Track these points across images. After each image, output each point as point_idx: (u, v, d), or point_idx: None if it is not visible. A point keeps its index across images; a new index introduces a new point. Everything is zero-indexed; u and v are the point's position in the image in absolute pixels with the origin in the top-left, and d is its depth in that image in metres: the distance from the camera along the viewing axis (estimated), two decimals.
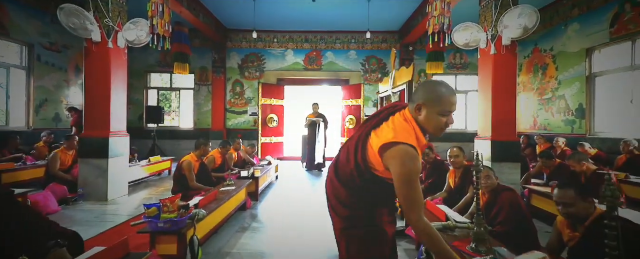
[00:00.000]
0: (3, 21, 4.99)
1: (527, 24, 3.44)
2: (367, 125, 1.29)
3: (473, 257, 1.54)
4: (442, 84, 1.20)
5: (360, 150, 1.22)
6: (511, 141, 3.82)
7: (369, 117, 1.38)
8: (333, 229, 1.36)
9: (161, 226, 1.87)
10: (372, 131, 1.23)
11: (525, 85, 7.17)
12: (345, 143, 1.37)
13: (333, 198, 1.32)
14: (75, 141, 4.02)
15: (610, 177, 1.10)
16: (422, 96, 1.18)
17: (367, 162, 1.19)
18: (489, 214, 2.24)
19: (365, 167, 1.19)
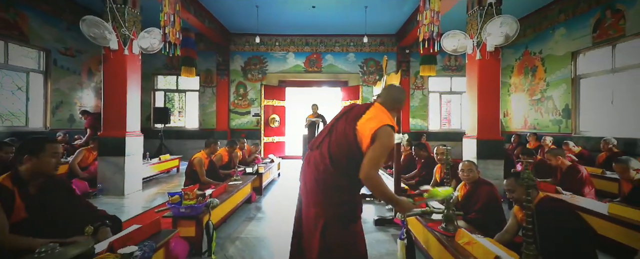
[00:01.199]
0: (23, 29, 5.35)
1: (508, 32, 3.75)
2: (346, 120, 1.62)
3: (441, 234, 1.86)
4: (401, 90, 1.77)
5: (353, 138, 1.53)
6: (495, 139, 4.13)
7: (338, 115, 1.73)
8: (308, 214, 1.59)
9: (183, 211, 2.20)
10: (356, 123, 1.56)
11: (516, 86, 7.47)
12: (325, 138, 1.65)
13: (322, 183, 1.53)
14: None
15: (528, 165, 1.41)
16: (389, 96, 1.70)
17: (360, 144, 1.52)
18: (468, 203, 2.55)
19: (357, 149, 1.52)
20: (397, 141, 2.99)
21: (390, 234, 2.81)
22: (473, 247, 1.58)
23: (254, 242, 2.66)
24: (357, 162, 1.47)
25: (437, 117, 8.74)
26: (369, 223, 3.17)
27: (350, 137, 1.54)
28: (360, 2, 6.22)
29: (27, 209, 1.56)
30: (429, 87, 8.58)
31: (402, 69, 8.42)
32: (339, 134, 1.59)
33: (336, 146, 1.57)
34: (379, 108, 1.63)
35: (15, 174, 1.57)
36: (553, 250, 1.62)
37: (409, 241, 2.19)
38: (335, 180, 1.53)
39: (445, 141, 7.97)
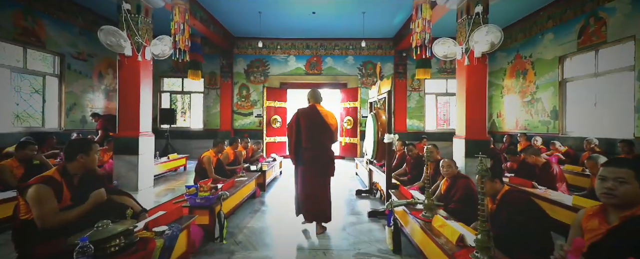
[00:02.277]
0: (40, 35, 5.68)
1: (493, 40, 4.05)
2: (317, 123, 2.99)
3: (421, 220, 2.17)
4: (317, 91, 3.20)
5: (329, 128, 2.99)
6: (482, 139, 4.44)
7: (308, 125, 2.99)
8: (319, 165, 2.97)
9: (198, 202, 2.52)
10: (326, 121, 2.97)
11: (509, 88, 7.77)
12: (313, 136, 2.98)
13: (320, 149, 2.98)
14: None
15: (482, 161, 1.72)
16: (317, 96, 3.14)
17: (332, 129, 3.00)
18: (448, 195, 2.87)
19: (331, 132, 3.00)
20: (388, 141, 3.31)
21: (381, 224, 3.12)
22: (444, 229, 1.89)
23: (259, 231, 2.97)
24: (330, 138, 3.02)
25: (433, 118, 9.04)
26: (363, 214, 3.49)
27: (328, 128, 2.98)
28: (358, 8, 6.53)
29: (71, 197, 1.88)
30: (425, 89, 8.89)
31: (398, 71, 8.74)
32: (320, 130, 2.98)
33: (323, 135, 2.98)
34: (321, 107, 3.09)
35: (64, 168, 1.89)
36: (515, 232, 1.93)
37: (395, 228, 2.51)
38: (328, 148, 3.04)
39: (441, 141, 8.28)
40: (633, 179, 1.25)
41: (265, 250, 2.52)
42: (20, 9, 5.29)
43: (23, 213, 1.68)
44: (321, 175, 2.97)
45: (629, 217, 1.29)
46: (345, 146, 8.78)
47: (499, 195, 2.12)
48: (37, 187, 1.68)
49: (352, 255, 2.44)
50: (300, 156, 2.99)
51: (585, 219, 1.49)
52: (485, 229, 1.56)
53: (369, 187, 4.54)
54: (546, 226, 2.00)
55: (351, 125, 8.55)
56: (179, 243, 1.91)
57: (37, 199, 1.65)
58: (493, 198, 2.18)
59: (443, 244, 1.77)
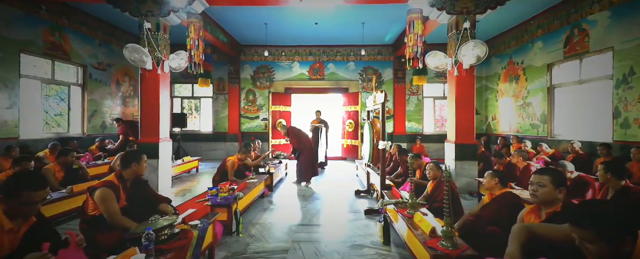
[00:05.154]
0: (66, 49, 6.21)
1: (479, 53, 4.45)
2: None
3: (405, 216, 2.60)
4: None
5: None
6: (470, 143, 4.85)
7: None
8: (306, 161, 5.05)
9: (219, 201, 2.99)
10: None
11: (503, 92, 8.14)
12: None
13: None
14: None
15: (443, 165, 2.14)
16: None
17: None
18: (433, 195, 3.30)
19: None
20: (382, 147, 3.75)
21: (376, 221, 3.55)
22: (422, 223, 2.32)
23: (269, 226, 3.43)
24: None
25: (431, 120, 9.43)
26: (360, 212, 3.93)
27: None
28: (357, 19, 6.95)
29: (126, 198, 2.35)
30: (423, 93, 9.28)
31: (397, 76, 9.14)
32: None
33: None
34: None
35: (120, 174, 2.36)
36: (495, 222, 2.36)
37: (385, 223, 2.95)
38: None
39: (439, 143, 8.67)
40: (549, 183, 1.68)
41: (275, 242, 2.98)
42: (48, 26, 5.81)
43: (91, 209, 2.15)
44: None
45: (551, 213, 1.73)
46: (347, 147, 9.23)
47: (498, 193, 2.54)
48: (102, 189, 2.15)
49: (348, 246, 2.89)
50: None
51: (526, 215, 1.93)
52: (449, 223, 1.99)
53: (367, 187, 4.98)
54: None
55: (352, 128, 8.99)
56: (207, 234, 2.37)
57: (102, 199, 2.12)
58: (491, 194, 2.61)
59: (419, 235, 2.21)
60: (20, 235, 1.60)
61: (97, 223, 2.13)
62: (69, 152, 4.03)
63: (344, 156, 9.34)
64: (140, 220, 2.20)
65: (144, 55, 4.71)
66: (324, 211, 4.04)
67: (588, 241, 1.10)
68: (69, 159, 3.99)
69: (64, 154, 3.88)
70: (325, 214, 3.93)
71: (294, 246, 2.89)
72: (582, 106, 5.71)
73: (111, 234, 2.10)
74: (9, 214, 1.54)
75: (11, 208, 1.54)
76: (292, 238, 3.09)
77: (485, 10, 4.63)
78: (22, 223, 1.61)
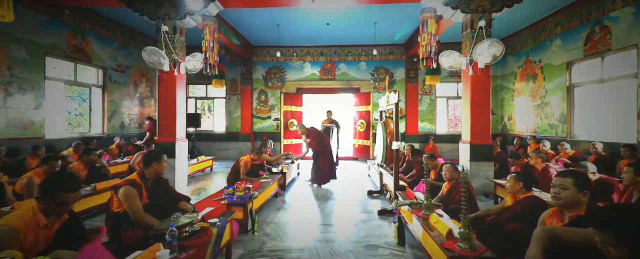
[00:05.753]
0: (87, 51, 6.45)
1: (495, 53, 4.37)
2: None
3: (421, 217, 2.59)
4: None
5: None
6: (486, 144, 4.76)
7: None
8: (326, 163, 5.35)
9: (235, 200, 3.05)
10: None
11: (519, 92, 7.94)
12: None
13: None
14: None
15: (462, 166, 2.12)
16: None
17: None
18: (449, 196, 3.26)
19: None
20: (395, 148, 3.74)
21: (390, 222, 3.55)
22: (438, 224, 2.31)
23: (283, 225, 3.48)
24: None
25: (444, 120, 9.30)
26: (374, 213, 3.93)
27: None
28: (369, 19, 6.93)
29: (148, 196, 2.44)
30: (436, 93, 9.16)
31: (410, 76, 9.06)
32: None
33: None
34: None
35: (142, 173, 2.45)
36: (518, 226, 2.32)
37: (400, 224, 2.95)
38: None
39: (452, 143, 8.55)
40: (572, 186, 1.64)
41: (290, 241, 3.02)
42: (71, 30, 6.06)
43: (116, 207, 2.24)
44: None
45: (575, 216, 1.69)
46: (359, 147, 9.21)
47: (522, 196, 2.50)
48: (126, 188, 2.24)
49: (362, 246, 2.90)
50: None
51: (547, 218, 1.89)
52: (467, 225, 1.98)
53: (379, 188, 4.96)
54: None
55: (364, 128, 8.96)
56: (225, 232, 2.43)
57: (126, 197, 2.21)
58: (514, 197, 2.57)
59: (435, 236, 2.20)
60: (54, 231, 1.69)
61: (121, 220, 2.22)
62: (92, 152, 4.19)
63: (355, 156, 9.32)
64: (161, 217, 2.28)
65: (161, 58, 4.84)
66: (337, 211, 4.06)
67: (611, 245, 1.08)
68: (91, 158, 4.15)
69: (87, 153, 4.04)
70: (338, 214, 3.95)
71: (308, 245, 2.92)
72: (604, 105, 5.51)
73: (135, 230, 2.18)
74: (44, 211, 1.65)
75: (47, 206, 1.65)
76: (306, 237, 3.12)
77: (502, 8, 4.54)
78: (56, 220, 1.71)
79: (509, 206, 2.62)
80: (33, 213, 1.66)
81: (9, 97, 4.93)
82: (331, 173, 5.55)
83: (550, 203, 2.83)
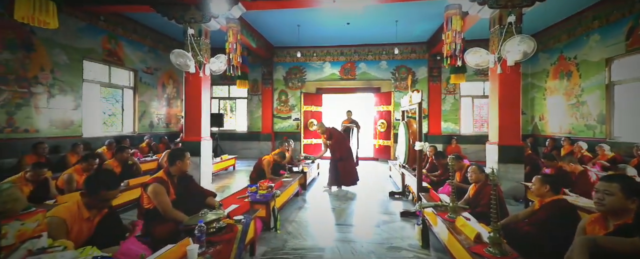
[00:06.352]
0: (120, 55, 6.83)
1: (526, 49, 4.15)
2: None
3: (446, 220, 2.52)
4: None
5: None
6: (515, 145, 4.54)
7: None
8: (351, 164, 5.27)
9: (258, 198, 3.12)
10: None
11: (552, 90, 7.50)
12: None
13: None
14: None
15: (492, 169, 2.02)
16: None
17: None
18: (476, 199, 3.14)
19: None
20: (418, 148, 3.66)
21: (412, 224, 3.48)
22: (465, 228, 2.23)
23: (304, 224, 3.51)
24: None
25: (469, 120, 8.97)
26: (396, 214, 3.86)
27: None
28: (390, 17, 6.82)
29: (175, 193, 2.54)
30: (461, 91, 8.86)
31: (433, 74, 8.82)
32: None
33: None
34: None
35: (168, 171, 2.56)
36: (546, 232, 2.21)
37: (424, 226, 2.88)
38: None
39: (478, 144, 8.24)
40: (618, 191, 1.53)
41: (312, 240, 3.04)
42: (106, 35, 6.44)
43: (146, 203, 2.36)
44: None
45: (621, 224, 1.57)
46: (379, 148, 9.09)
47: (548, 199, 2.37)
48: (154, 185, 2.35)
49: (385, 248, 2.86)
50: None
51: (588, 224, 1.77)
52: (497, 228, 1.90)
53: (401, 189, 4.87)
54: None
55: (385, 128, 8.84)
56: (250, 229, 2.49)
57: (155, 194, 2.32)
58: (541, 200, 2.45)
59: (463, 240, 2.12)
60: (95, 223, 1.82)
61: (152, 216, 2.33)
62: (125, 150, 4.44)
63: (375, 156, 9.22)
64: (188, 212, 2.37)
65: (188, 60, 5.03)
66: (358, 212, 4.03)
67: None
68: (124, 156, 4.40)
69: (121, 151, 4.28)
70: (360, 214, 3.92)
71: (329, 244, 2.92)
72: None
73: (166, 225, 2.28)
74: (87, 205, 1.79)
75: (89, 201, 1.78)
76: (327, 237, 3.13)
77: (533, 2, 4.32)
78: (97, 213, 1.84)
79: (536, 210, 2.48)
80: (77, 206, 1.79)
81: (51, 98, 5.32)
82: (354, 176, 5.29)
83: (591, 208, 2.67)
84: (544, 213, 2.36)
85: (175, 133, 8.40)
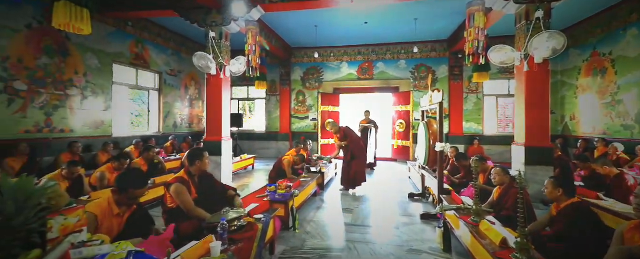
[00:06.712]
0: (146, 58, 7.14)
1: (556, 46, 3.94)
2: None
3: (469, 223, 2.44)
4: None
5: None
6: (543, 146, 4.31)
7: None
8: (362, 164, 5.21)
9: (277, 197, 3.16)
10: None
11: (584, 88, 7.07)
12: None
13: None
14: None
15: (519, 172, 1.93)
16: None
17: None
18: (500, 202, 3.02)
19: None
20: (439, 149, 3.57)
21: (432, 226, 3.40)
22: (489, 232, 2.15)
23: (322, 224, 3.52)
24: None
25: (493, 120, 8.64)
26: (416, 216, 3.79)
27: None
28: (409, 15, 6.69)
29: (196, 191, 2.62)
30: (484, 90, 8.54)
31: (454, 73, 8.56)
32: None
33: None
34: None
35: (188, 170, 2.64)
36: (569, 239, 2.10)
37: (445, 229, 2.81)
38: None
39: (502, 145, 7.92)
40: None
41: (330, 240, 3.04)
42: (134, 39, 6.76)
43: (169, 202, 2.46)
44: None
45: None
46: (398, 148, 8.95)
47: (564, 204, 2.26)
48: (176, 185, 2.43)
49: (404, 250, 2.81)
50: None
51: (627, 231, 1.66)
52: (525, 233, 1.82)
53: (421, 191, 4.77)
54: (603, 236, 2.11)
55: (403, 128, 8.68)
56: (269, 228, 2.53)
57: (177, 193, 2.40)
58: (557, 205, 2.33)
59: (487, 245, 2.05)
60: (125, 219, 1.91)
61: (176, 213, 2.42)
62: (151, 149, 4.64)
63: (394, 157, 9.08)
64: (210, 210, 2.45)
65: (209, 62, 5.19)
66: (377, 213, 3.98)
67: None
68: (150, 155, 4.59)
69: (147, 150, 4.48)
70: (378, 216, 3.88)
71: (348, 245, 2.91)
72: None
73: (189, 222, 2.37)
74: (117, 202, 1.90)
75: (119, 198, 1.89)
76: (346, 237, 3.12)
77: None
78: (126, 209, 1.94)
79: (553, 216, 2.35)
80: (108, 202, 1.90)
81: (84, 100, 5.65)
82: (361, 177, 5.16)
83: (629, 214, 2.50)
84: (563, 219, 2.23)
85: (198, 133, 8.67)
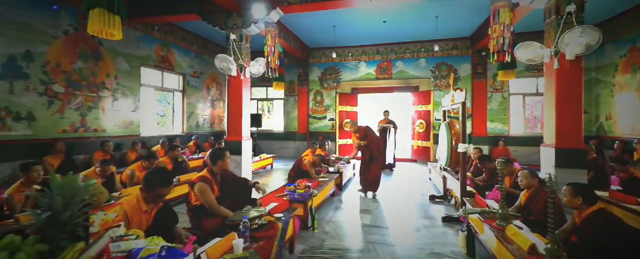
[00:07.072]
0: (171, 61, 7.45)
1: (590, 42, 3.70)
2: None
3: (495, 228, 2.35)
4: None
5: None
6: (576, 148, 4.07)
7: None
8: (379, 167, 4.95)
9: (296, 197, 3.19)
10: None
11: (622, 86, 6.60)
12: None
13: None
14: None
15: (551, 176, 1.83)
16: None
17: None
18: (528, 206, 2.89)
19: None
20: (462, 150, 3.46)
21: (455, 229, 3.30)
22: (517, 237, 2.06)
23: (341, 224, 3.51)
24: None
25: (520, 120, 8.25)
26: (437, 219, 3.70)
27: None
28: (430, 12, 6.53)
29: (219, 189, 2.71)
30: (510, 89, 8.18)
31: (477, 71, 8.26)
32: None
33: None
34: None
35: (211, 170, 2.73)
36: (595, 249, 1.97)
37: (469, 233, 2.72)
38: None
39: (530, 146, 7.55)
40: None
41: (349, 241, 3.03)
42: (160, 43, 7.07)
43: (194, 200, 2.55)
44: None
45: None
46: (418, 149, 8.76)
47: (586, 213, 2.14)
48: (199, 184, 2.52)
49: (425, 253, 2.75)
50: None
51: None
52: (555, 240, 1.73)
53: (443, 193, 4.65)
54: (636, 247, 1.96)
55: (423, 129, 8.49)
56: (289, 227, 2.56)
57: (201, 192, 2.49)
58: (578, 214, 2.20)
59: (514, 250, 1.97)
60: (152, 215, 2.01)
61: (200, 211, 2.51)
62: (176, 148, 4.83)
63: (413, 158, 8.90)
64: (232, 207, 2.52)
65: (230, 64, 5.33)
66: (396, 215, 3.93)
67: None
68: (175, 154, 4.78)
69: (172, 150, 4.67)
70: (398, 218, 3.82)
71: (368, 246, 2.89)
72: None
73: (212, 220, 2.45)
74: (145, 199, 2.00)
75: (147, 196, 1.98)
76: (365, 239, 3.10)
77: None
78: (154, 206, 2.04)
79: (577, 226, 2.20)
80: (137, 199, 2.00)
81: (115, 101, 5.98)
82: (377, 182, 4.91)
83: None
84: (587, 229, 2.09)
85: (219, 133, 8.93)
